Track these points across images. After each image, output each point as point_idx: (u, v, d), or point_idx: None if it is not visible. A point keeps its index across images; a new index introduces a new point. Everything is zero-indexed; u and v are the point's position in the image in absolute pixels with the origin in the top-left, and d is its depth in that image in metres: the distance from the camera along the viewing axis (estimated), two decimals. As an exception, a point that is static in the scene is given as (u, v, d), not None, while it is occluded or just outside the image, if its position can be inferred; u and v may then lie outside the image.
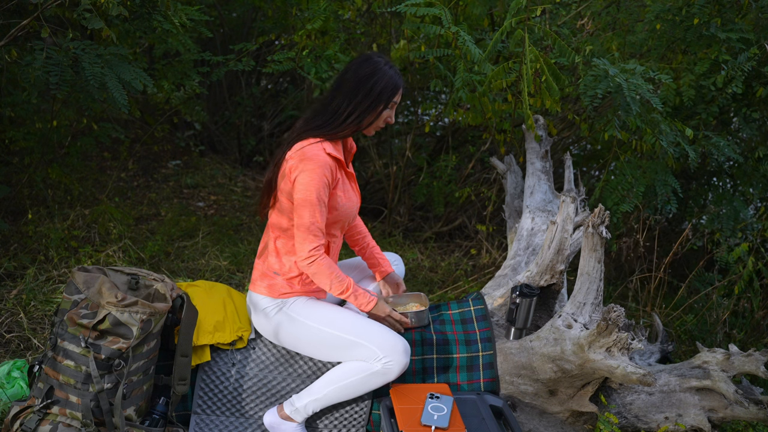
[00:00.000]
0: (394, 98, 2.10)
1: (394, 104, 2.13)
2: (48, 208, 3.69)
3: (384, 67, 2.08)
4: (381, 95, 2.07)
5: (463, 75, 3.01)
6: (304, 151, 2.05)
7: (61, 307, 2.01)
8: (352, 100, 2.07)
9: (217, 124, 5.12)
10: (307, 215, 2.04)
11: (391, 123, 2.17)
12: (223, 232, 3.87)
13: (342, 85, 2.09)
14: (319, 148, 2.06)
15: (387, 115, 2.13)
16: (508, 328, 2.38)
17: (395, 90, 2.09)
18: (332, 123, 2.09)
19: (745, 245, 3.05)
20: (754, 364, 2.18)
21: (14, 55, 2.85)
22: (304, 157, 2.04)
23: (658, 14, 3.09)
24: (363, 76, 2.06)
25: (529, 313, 2.34)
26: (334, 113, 2.10)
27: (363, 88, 2.06)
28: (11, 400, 2.18)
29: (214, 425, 2.20)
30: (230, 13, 4.70)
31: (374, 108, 2.08)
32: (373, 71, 2.06)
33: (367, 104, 2.07)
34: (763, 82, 3.11)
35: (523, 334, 2.37)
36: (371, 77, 2.06)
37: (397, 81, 2.09)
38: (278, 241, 2.17)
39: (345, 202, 2.15)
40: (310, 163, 2.03)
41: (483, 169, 4.18)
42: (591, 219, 2.22)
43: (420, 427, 1.99)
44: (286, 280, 2.17)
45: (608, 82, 2.66)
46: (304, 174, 2.03)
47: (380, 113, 2.10)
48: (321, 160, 2.03)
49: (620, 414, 2.30)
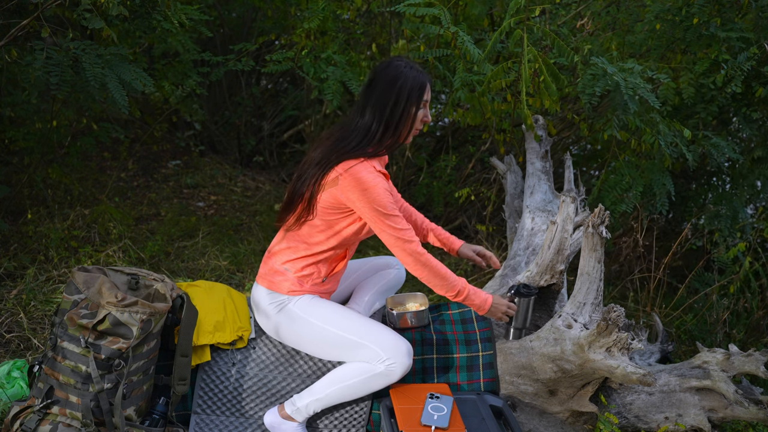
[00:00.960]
0: (423, 97, 2.07)
1: (426, 102, 2.10)
2: (48, 208, 3.69)
3: (404, 70, 2.05)
4: (410, 99, 2.05)
5: (462, 75, 3.02)
6: (356, 170, 2.01)
7: (61, 307, 2.01)
8: (383, 114, 2.05)
9: (217, 124, 5.12)
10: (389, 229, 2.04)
11: (427, 122, 2.14)
12: (223, 232, 3.87)
13: (369, 99, 2.07)
14: (368, 166, 2.03)
15: (422, 116, 2.11)
16: (507, 328, 2.37)
17: (422, 89, 2.06)
18: (375, 139, 2.07)
19: (742, 245, 3.05)
20: (754, 364, 2.19)
21: (14, 55, 2.85)
22: (357, 177, 2.00)
23: (657, 14, 3.10)
24: (387, 86, 2.03)
25: (527, 313, 2.33)
26: (367, 132, 2.06)
27: (390, 96, 2.03)
28: (11, 400, 2.18)
29: (214, 425, 2.20)
30: (230, 13, 4.70)
31: (408, 112, 2.06)
32: (395, 77, 2.04)
33: (399, 110, 2.05)
34: (762, 82, 3.11)
35: (522, 334, 2.36)
36: (395, 83, 2.03)
37: (422, 79, 2.06)
38: (300, 248, 2.16)
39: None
40: (367, 185, 2.00)
41: (483, 169, 4.18)
42: (591, 219, 2.22)
43: (420, 427, 1.99)
44: (297, 279, 2.17)
45: (606, 80, 2.66)
46: (364, 195, 2.00)
47: (415, 115, 2.09)
48: (374, 175, 2.01)
49: (620, 414, 2.30)
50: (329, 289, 2.26)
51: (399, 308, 2.40)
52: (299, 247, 2.16)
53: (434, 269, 2.09)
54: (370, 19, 3.90)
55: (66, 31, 2.71)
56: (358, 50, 3.90)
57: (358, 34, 3.89)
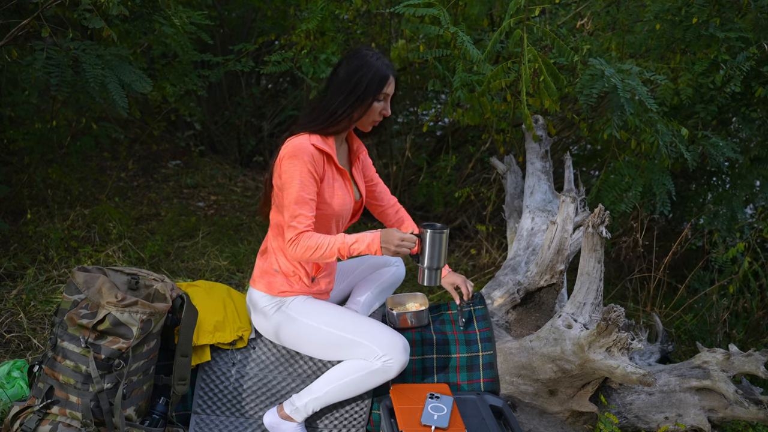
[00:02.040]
0: (383, 90, 2.09)
1: (387, 96, 2.11)
2: (48, 208, 3.69)
3: (371, 60, 2.07)
4: (369, 88, 2.06)
5: (462, 75, 3.02)
6: (291, 142, 2.07)
7: (61, 307, 2.01)
8: (341, 94, 2.07)
9: (217, 124, 5.12)
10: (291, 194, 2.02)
11: (387, 115, 2.15)
12: (223, 232, 3.87)
13: (333, 82, 2.11)
14: (305, 138, 2.07)
15: (381, 108, 2.12)
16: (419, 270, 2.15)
17: (383, 81, 2.08)
18: (323, 118, 2.10)
19: (741, 245, 3.05)
20: (754, 364, 2.19)
21: (14, 54, 2.85)
22: (288, 148, 2.06)
23: (657, 14, 3.10)
24: (351, 71, 2.06)
25: (435, 251, 2.08)
26: (325, 109, 2.10)
27: (351, 82, 2.06)
28: (11, 400, 2.18)
29: (214, 425, 2.20)
30: (230, 14, 4.70)
31: (363, 101, 2.08)
32: (361, 65, 2.06)
33: (355, 97, 2.07)
34: (762, 82, 3.11)
35: (436, 276, 2.13)
36: (358, 71, 2.06)
37: (385, 72, 2.08)
38: (278, 239, 2.17)
39: (331, 198, 2.13)
40: (293, 150, 2.04)
41: (483, 169, 4.18)
42: (591, 219, 2.22)
43: (420, 427, 1.99)
44: (286, 279, 2.17)
45: (604, 81, 2.66)
46: (286, 161, 2.05)
47: (370, 105, 2.10)
48: (304, 148, 2.04)
49: (620, 414, 2.30)
50: (322, 289, 2.25)
51: (399, 308, 2.40)
52: (280, 245, 2.17)
53: (308, 250, 2.03)
54: (370, 19, 3.90)
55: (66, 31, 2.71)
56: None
57: (357, 34, 3.89)
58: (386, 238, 2.03)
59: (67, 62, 2.59)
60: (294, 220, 2.03)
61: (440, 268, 2.13)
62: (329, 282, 2.28)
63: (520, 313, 2.53)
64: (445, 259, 2.12)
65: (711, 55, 3.00)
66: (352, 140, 2.28)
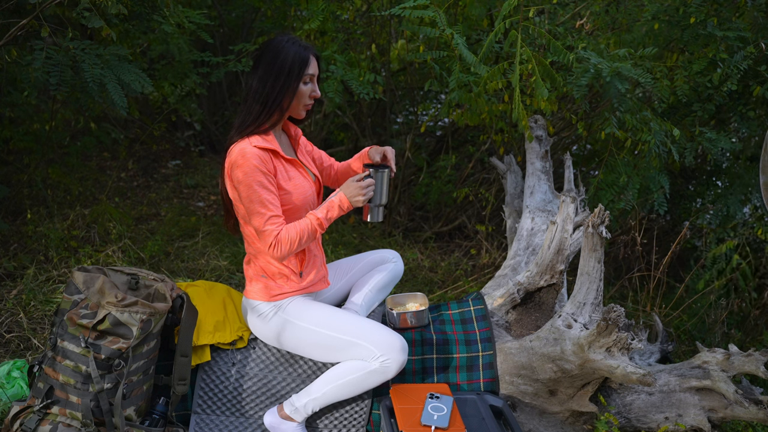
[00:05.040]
0: (305, 71, 2.06)
1: (312, 77, 2.09)
2: (48, 208, 3.69)
3: (287, 45, 2.05)
4: (291, 73, 2.04)
5: (458, 76, 3.02)
6: (233, 150, 2.05)
7: (61, 307, 2.01)
8: (266, 87, 2.05)
9: (217, 124, 5.12)
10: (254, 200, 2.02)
11: (317, 96, 2.13)
12: (223, 232, 3.87)
13: (255, 77, 2.08)
14: (245, 143, 2.04)
15: (309, 90, 2.10)
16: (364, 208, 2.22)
17: (304, 63, 2.05)
18: (254, 115, 2.07)
19: (731, 242, 3.05)
20: (754, 364, 2.19)
21: (14, 54, 2.85)
22: (233, 156, 2.04)
23: (655, 14, 3.10)
24: (270, 61, 2.04)
25: (384, 188, 2.17)
26: (250, 108, 2.08)
27: (272, 72, 2.04)
28: (11, 400, 2.18)
29: (214, 425, 2.20)
30: (230, 14, 4.70)
31: (287, 87, 2.05)
32: (277, 53, 2.04)
33: (280, 86, 2.05)
34: (759, 81, 3.12)
35: (378, 211, 2.21)
36: (276, 59, 2.04)
37: (304, 54, 2.05)
38: (254, 246, 2.17)
39: (292, 189, 2.12)
40: (239, 159, 2.02)
41: (483, 169, 4.18)
42: (591, 219, 2.22)
43: (420, 427, 1.99)
44: (275, 282, 2.17)
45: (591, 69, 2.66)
46: (236, 171, 2.03)
47: (296, 90, 2.07)
48: (249, 152, 2.02)
49: (620, 414, 2.30)
50: (314, 280, 2.23)
51: (399, 308, 2.40)
52: (257, 250, 2.17)
53: (292, 244, 2.04)
54: (370, 19, 3.90)
55: (65, 31, 2.71)
56: (358, 50, 3.90)
57: (357, 34, 3.89)
58: (349, 192, 2.10)
59: (67, 62, 2.59)
60: (266, 224, 2.03)
61: (383, 204, 2.20)
62: (319, 270, 2.26)
63: (520, 313, 2.53)
64: (387, 197, 2.20)
65: (709, 54, 3.01)
66: (288, 128, 2.26)
